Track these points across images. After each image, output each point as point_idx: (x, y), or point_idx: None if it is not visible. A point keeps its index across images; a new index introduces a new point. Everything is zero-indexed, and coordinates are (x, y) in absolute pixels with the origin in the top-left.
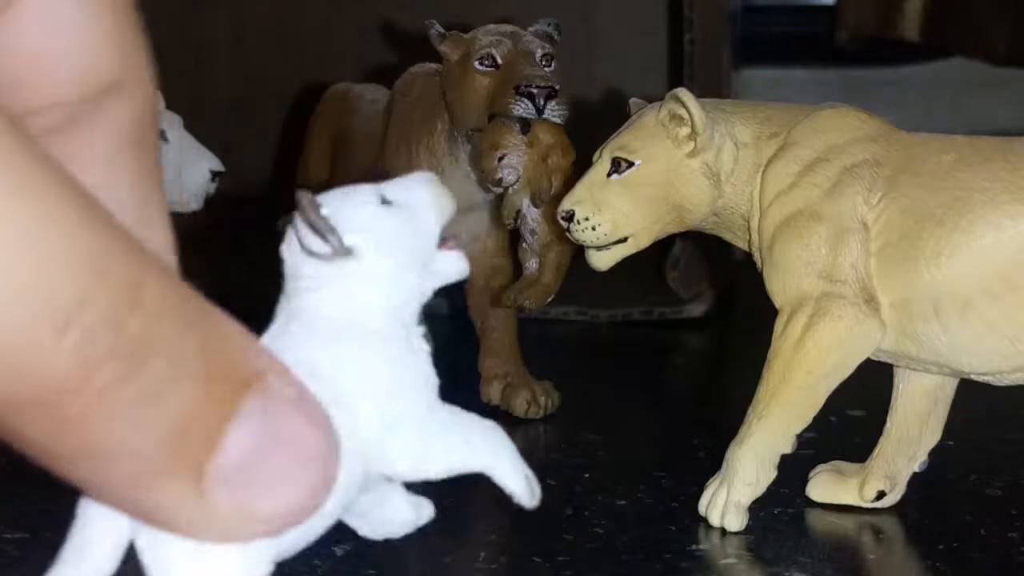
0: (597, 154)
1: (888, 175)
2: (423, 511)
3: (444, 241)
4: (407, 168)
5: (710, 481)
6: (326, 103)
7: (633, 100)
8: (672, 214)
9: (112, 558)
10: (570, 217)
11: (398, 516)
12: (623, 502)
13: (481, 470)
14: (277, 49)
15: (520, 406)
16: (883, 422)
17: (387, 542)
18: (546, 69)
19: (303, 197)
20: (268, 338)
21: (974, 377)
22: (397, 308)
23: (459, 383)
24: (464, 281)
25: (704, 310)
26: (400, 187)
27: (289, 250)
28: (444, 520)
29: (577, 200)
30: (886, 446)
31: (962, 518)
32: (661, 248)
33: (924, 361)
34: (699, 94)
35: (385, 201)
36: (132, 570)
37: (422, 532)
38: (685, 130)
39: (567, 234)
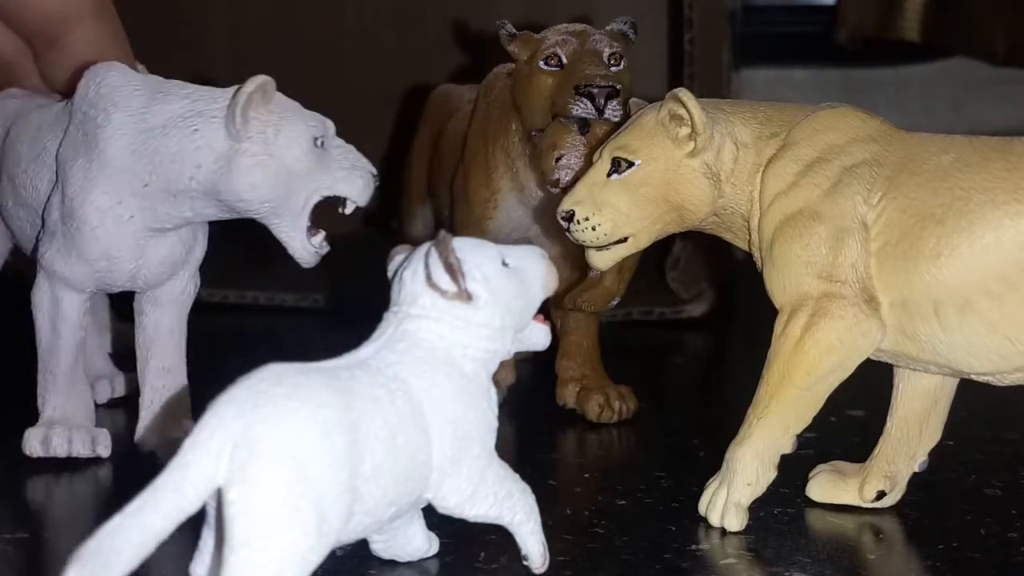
0: (597, 154)
1: (888, 175)
2: (433, 543)
3: (537, 313)
4: (484, 167)
5: (710, 481)
6: (430, 104)
7: (633, 100)
8: (672, 214)
9: (201, 497)
10: (570, 217)
11: (412, 543)
12: (623, 502)
13: (509, 525)
14: (277, 50)
15: (593, 410)
16: (883, 422)
17: None
18: (613, 68)
19: (444, 236)
20: (373, 348)
21: (974, 377)
22: (488, 360)
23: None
24: None
25: (704, 310)
26: (519, 255)
27: (413, 277)
28: (444, 520)
29: (577, 200)
30: (886, 446)
31: (962, 518)
32: (661, 248)
33: (924, 361)
34: (699, 94)
35: (504, 264)
36: (144, 571)
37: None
38: (685, 130)
39: (567, 234)
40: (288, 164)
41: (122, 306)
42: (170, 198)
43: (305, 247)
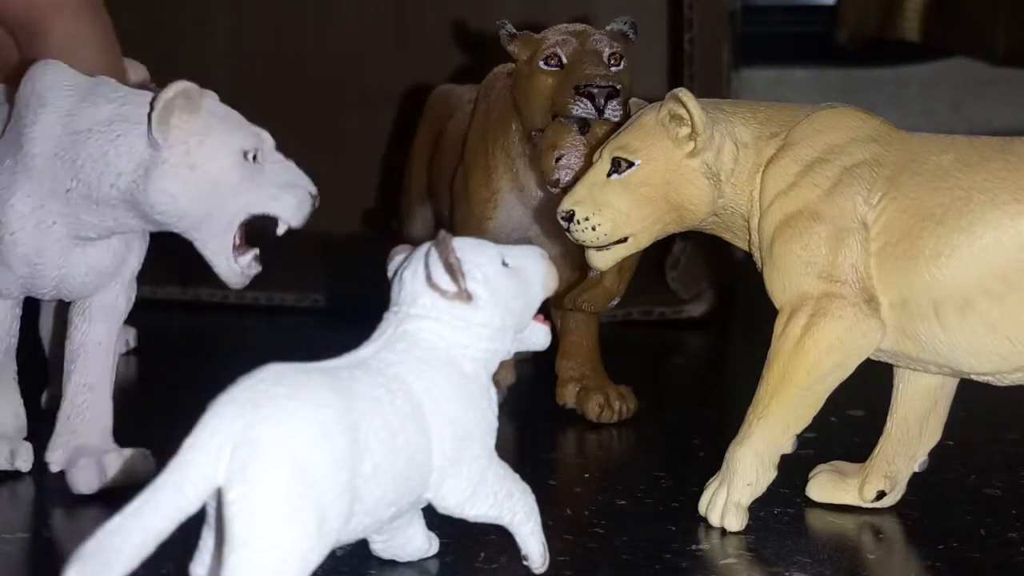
0: (597, 154)
1: (888, 175)
2: (433, 544)
3: (537, 313)
4: (484, 167)
5: (710, 481)
6: (430, 104)
7: (633, 100)
8: (672, 214)
9: (201, 497)
10: (570, 217)
11: (412, 544)
12: (623, 502)
13: (509, 525)
14: (277, 50)
15: (593, 410)
16: (883, 422)
17: None
18: (613, 68)
19: (445, 236)
20: (373, 348)
21: (974, 377)
22: (488, 360)
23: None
24: None
25: (704, 310)
26: (519, 255)
27: (413, 277)
28: (444, 520)
29: (577, 200)
30: (886, 446)
31: (962, 518)
32: (661, 248)
33: (924, 361)
34: (699, 94)
35: (504, 264)
36: (144, 571)
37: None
38: (685, 130)
39: (567, 234)
40: (211, 177)
41: None
42: (92, 206)
43: (230, 267)
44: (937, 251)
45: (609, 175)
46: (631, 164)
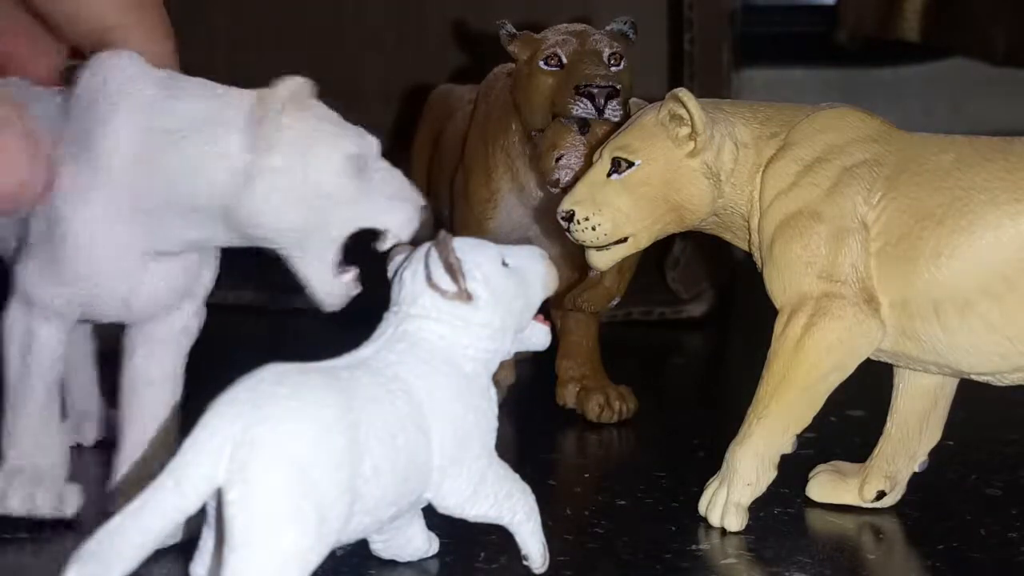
0: (597, 154)
1: (888, 175)
2: (433, 544)
3: (537, 313)
4: (484, 168)
5: (710, 481)
6: (430, 104)
7: (633, 100)
8: (672, 214)
9: (201, 497)
10: (570, 217)
11: (412, 544)
12: (623, 502)
13: (509, 525)
14: (277, 50)
15: (593, 410)
16: (883, 422)
17: None
18: (613, 68)
19: (445, 236)
20: (373, 348)
21: (974, 377)
22: (488, 360)
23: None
24: None
25: (704, 310)
26: (519, 255)
27: (413, 278)
28: (444, 520)
29: (577, 200)
30: (886, 446)
31: (962, 518)
32: (661, 248)
33: (924, 361)
34: (699, 94)
35: (504, 264)
36: (144, 571)
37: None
38: (685, 130)
39: (567, 234)
40: (320, 187)
41: None
42: (177, 218)
43: (331, 288)
44: (937, 251)
45: (609, 175)
46: (631, 164)
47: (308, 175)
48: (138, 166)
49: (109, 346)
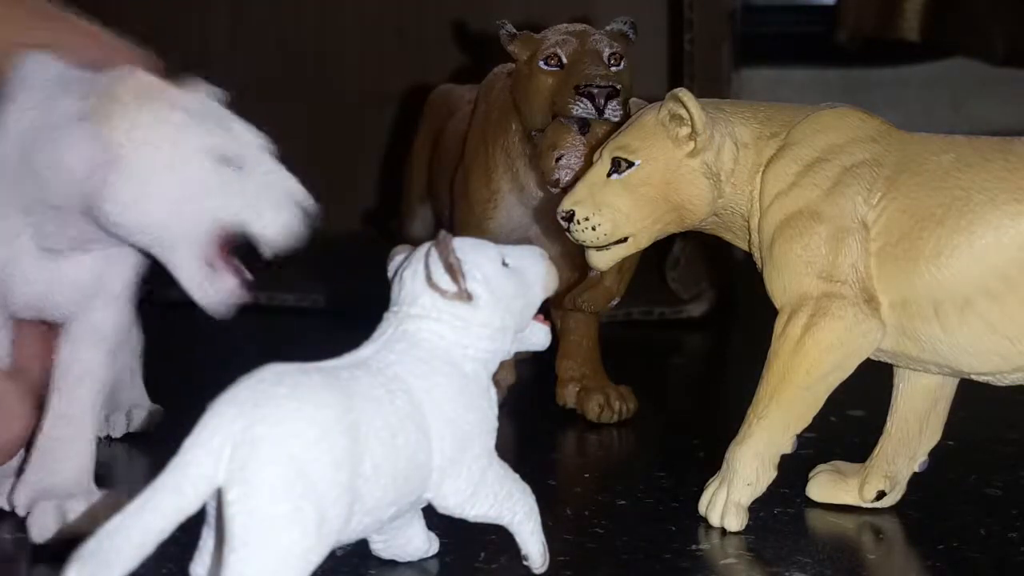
0: (597, 154)
1: (888, 175)
2: (433, 544)
3: (537, 314)
4: (484, 168)
5: (710, 481)
6: (430, 104)
7: (633, 100)
8: (672, 214)
9: (201, 497)
10: (570, 217)
11: (412, 544)
12: (623, 502)
13: (509, 525)
14: (277, 50)
15: (593, 410)
16: (883, 422)
17: None
18: (613, 68)
19: (445, 236)
20: (373, 348)
21: (974, 377)
22: (488, 360)
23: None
24: None
25: (704, 310)
26: (519, 255)
27: (413, 277)
28: (444, 520)
29: (577, 200)
30: (886, 446)
31: (962, 518)
32: (661, 248)
33: (924, 361)
34: (699, 94)
35: (504, 264)
36: (144, 571)
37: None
38: (685, 130)
39: (567, 234)
40: (175, 184)
41: None
42: (52, 213)
43: (203, 291)
44: (937, 251)
45: (609, 175)
46: (631, 164)
47: (159, 172)
48: (21, 164)
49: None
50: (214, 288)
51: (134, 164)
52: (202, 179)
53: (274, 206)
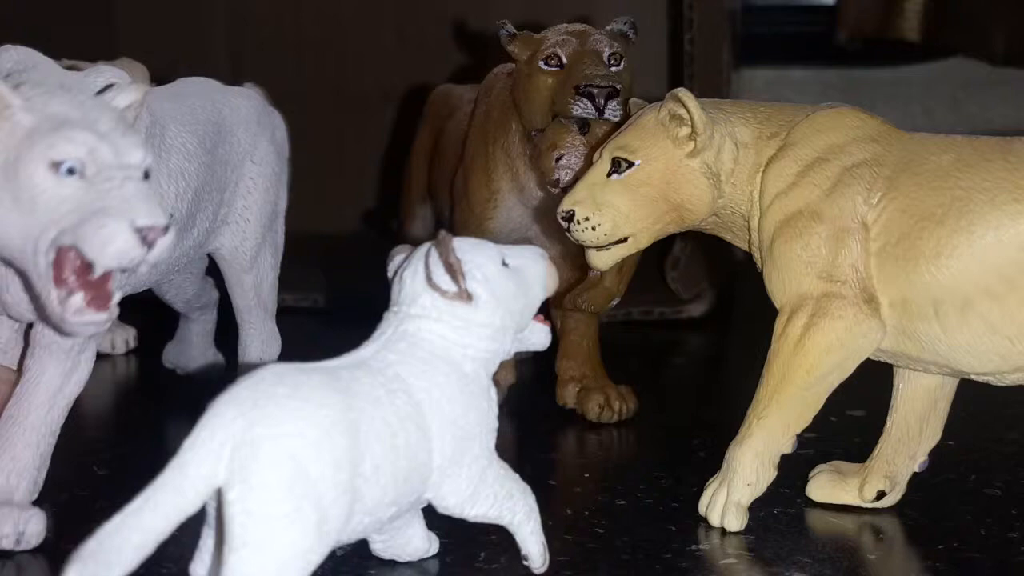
0: (597, 154)
1: (888, 175)
2: (433, 544)
3: (537, 314)
4: (484, 168)
5: (710, 481)
6: (430, 104)
7: (633, 100)
8: (672, 214)
9: (201, 497)
10: (570, 217)
11: (412, 543)
12: (623, 502)
13: (509, 525)
14: (277, 50)
15: (593, 410)
16: (883, 422)
17: None
18: (613, 68)
19: (445, 236)
20: (373, 348)
21: (974, 377)
22: (488, 360)
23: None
24: None
25: (704, 310)
26: (519, 255)
27: (413, 277)
28: (444, 520)
29: (577, 200)
30: (886, 446)
31: (962, 518)
32: (661, 248)
33: (924, 361)
34: (699, 94)
35: (505, 264)
36: (144, 571)
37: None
38: (685, 130)
39: (567, 234)
40: (10, 193)
41: None
42: None
43: (53, 311)
44: (937, 251)
45: (609, 175)
46: (631, 164)
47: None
48: None
49: None
50: (61, 307)
51: None
52: (34, 189)
53: (94, 219)
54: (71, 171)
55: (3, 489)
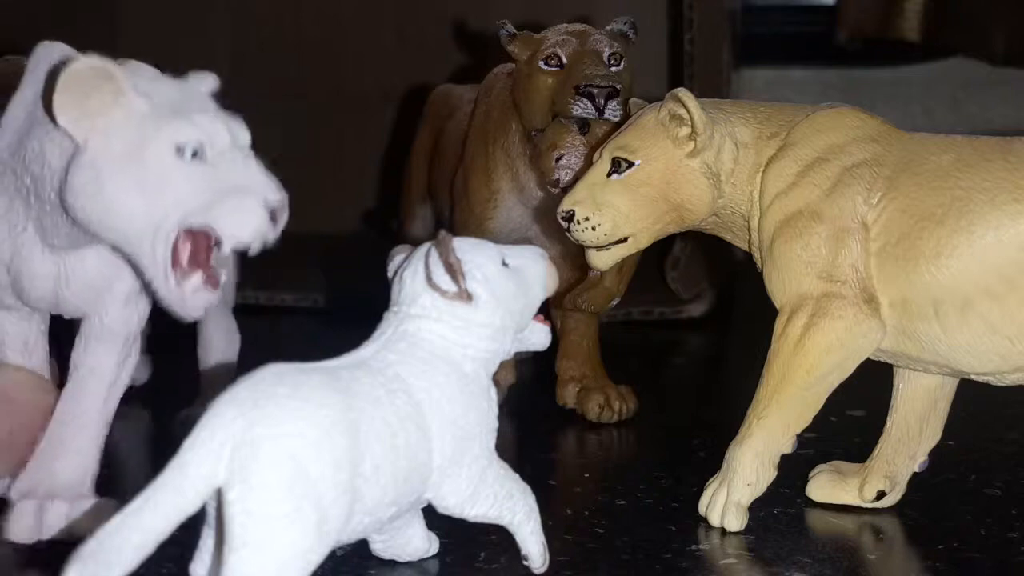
0: (597, 154)
1: (888, 175)
2: (433, 544)
3: (537, 314)
4: (484, 168)
5: (710, 481)
6: (430, 104)
7: (633, 100)
8: (672, 214)
9: (201, 497)
10: (570, 217)
11: (412, 543)
12: (623, 502)
13: (509, 525)
14: (277, 50)
15: (593, 410)
16: (883, 422)
17: None
18: (613, 68)
19: (445, 236)
20: (373, 348)
21: (974, 377)
22: (488, 360)
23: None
24: None
25: (704, 310)
26: (519, 256)
27: (413, 277)
28: (444, 520)
29: (577, 200)
30: (886, 446)
31: (962, 518)
32: (661, 248)
33: (924, 361)
34: (699, 94)
35: (504, 264)
36: (144, 571)
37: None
38: (685, 130)
39: (567, 234)
40: (130, 177)
41: None
42: (45, 206)
43: (170, 293)
44: (937, 251)
45: (609, 175)
46: (631, 164)
47: (115, 164)
48: (15, 157)
49: None
50: (180, 289)
51: (90, 155)
52: (161, 172)
53: (230, 198)
54: (195, 154)
55: (75, 484)
